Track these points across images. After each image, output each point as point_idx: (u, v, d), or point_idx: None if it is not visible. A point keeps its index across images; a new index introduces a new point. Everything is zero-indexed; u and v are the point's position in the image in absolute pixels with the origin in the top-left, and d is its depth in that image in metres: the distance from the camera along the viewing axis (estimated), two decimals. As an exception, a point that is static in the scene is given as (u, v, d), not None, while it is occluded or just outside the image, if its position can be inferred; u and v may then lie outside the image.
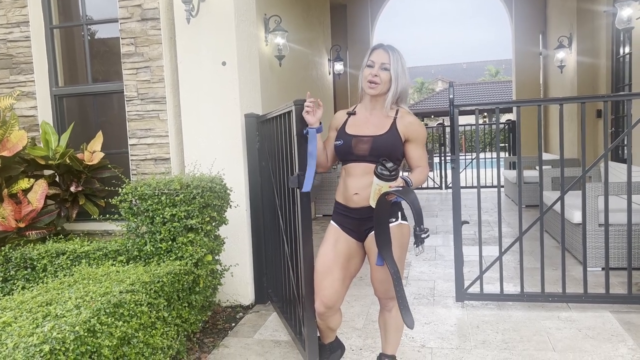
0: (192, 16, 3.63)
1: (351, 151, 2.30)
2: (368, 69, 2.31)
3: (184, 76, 3.81)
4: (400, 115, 2.33)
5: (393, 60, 2.28)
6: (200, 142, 3.81)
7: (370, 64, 2.30)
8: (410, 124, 2.31)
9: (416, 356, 2.92)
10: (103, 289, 2.31)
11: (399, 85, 2.29)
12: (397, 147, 2.29)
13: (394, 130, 2.29)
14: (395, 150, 2.29)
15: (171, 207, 2.96)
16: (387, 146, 2.27)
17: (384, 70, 2.28)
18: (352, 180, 2.32)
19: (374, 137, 2.28)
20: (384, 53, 2.29)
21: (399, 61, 2.29)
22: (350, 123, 2.37)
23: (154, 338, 2.46)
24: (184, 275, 2.81)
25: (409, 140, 2.32)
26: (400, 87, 2.29)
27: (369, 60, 2.31)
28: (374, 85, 2.28)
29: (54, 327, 1.89)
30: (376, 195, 2.16)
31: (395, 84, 2.28)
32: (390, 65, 2.27)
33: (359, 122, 2.36)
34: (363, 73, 2.33)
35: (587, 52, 7.83)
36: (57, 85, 4.33)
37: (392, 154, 2.26)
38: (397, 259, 2.28)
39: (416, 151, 2.34)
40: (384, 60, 2.28)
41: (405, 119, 2.32)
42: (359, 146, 2.28)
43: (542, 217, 3.50)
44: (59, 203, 3.78)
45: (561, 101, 3.45)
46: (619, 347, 2.91)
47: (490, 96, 28.56)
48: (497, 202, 3.64)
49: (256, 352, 3.08)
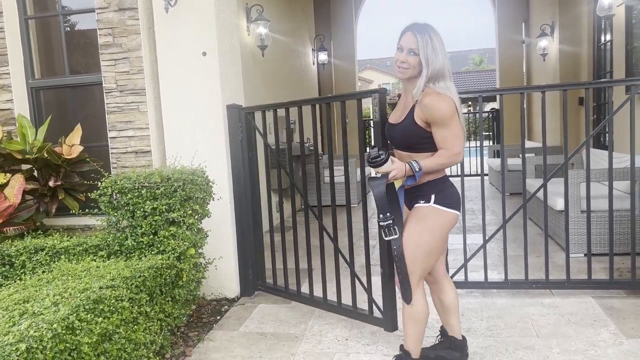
0: (171, 5, 3.56)
1: (389, 139, 2.39)
2: (398, 52, 2.24)
3: (163, 67, 3.74)
4: (422, 97, 2.20)
5: (422, 44, 2.16)
6: (181, 134, 3.75)
7: (400, 48, 2.23)
8: (425, 106, 2.17)
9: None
10: (82, 285, 2.27)
11: (430, 69, 2.17)
12: (415, 133, 2.22)
13: (410, 117, 2.23)
14: (414, 136, 2.23)
15: (152, 200, 2.91)
16: (402, 134, 2.26)
17: (413, 55, 2.19)
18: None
19: (394, 125, 2.31)
20: (412, 37, 2.19)
21: (429, 43, 2.16)
22: (394, 110, 2.41)
23: (136, 333, 2.43)
24: (166, 269, 2.78)
25: (429, 122, 2.19)
26: (431, 70, 2.17)
27: (399, 44, 2.24)
28: (402, 70, 2.23)
29: (31, 325, 1.85)
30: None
31: (426, 68, 2.17)
32: (419, 49, 2.16)
33: (396, 109, 2.39)
34: (395, 56, 2.26)
35: (569, 40, 7.87)
36: (34, 77, 4.23)
37: (410, 141, 2.25)
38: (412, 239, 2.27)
39: (437, 133, 2.19)
40: (412, 45, 2.18)
41: (422, 101, 2.19)
42: (391, 135, 2.35)
43: (525, 205, 3.51)
44: (38, 198, 3.70)
45: (543, 89, 3.45)
46: (601, 332, 2.94)
47: (475, 85, 28.75)
48: (481, 190, 3.64)
49: (242, 345, 3.06)
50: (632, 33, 5.69)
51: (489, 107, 15.60)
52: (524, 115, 3.52)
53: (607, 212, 3.91)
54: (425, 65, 2.17)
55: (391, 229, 2.21)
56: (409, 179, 2.25)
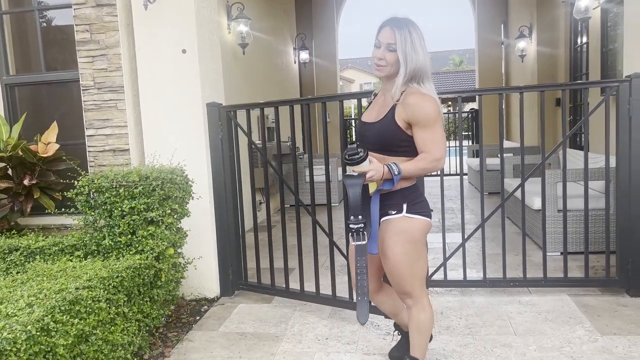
0: (150, 2, 3.52)
1: (362, 139, 2.21)
2: (375, 49, 2.12)
3: (142, 64, 3.69)
4: (404, 96, 2.08)
5: (400, 39, 2.04)
6: (160, 132, 3.71)
7: (377, 44, 2.11)
8: (408, 105, 2.05)
9: (381, 344, 2.94)
10: (58, 285, 2.23)
11: (409, 66, 2.05)
12: (393, 134, 2.08)
13: (389, 116, 2.09)
14: (391, 137, 2.09)
15: (130, 199, 2.87)
16: (379, 134, 2.10)
17: (390, 51, 2.07)
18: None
19: (371, 124, 2.15)
20: (390, 32, 2.06)
21: (408, 39, 2.04)
22: (368, 109, 2.27)
23: (114, 335, 2.39)
24: (144, 269, 2.74)
25: (410, 123, 2.06)
26: (410, 68, 2.05)
27: (376, 39, 2.11)
28: (380, 67, 2.11)
29: (5, 327, 1.81)
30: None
31: (404, 65, 2.05)
32: (396, 45, 2.04)
33: (371, 107, 2.26)
34: (372, 53, 2.14)
35: (546, 42, 8.00)
36: (8, 73, 4.14)
37: (387, 142, 2.09)
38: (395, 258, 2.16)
39: (418, 134, 2.06)
40: (390, 40, 2.06)
41: (406, 100, 2.07)
42: (364, 134, 2.19)
43: (503, 204, 3.56)
44: (12, 197, 3.62)
45: (521, 90, 3.50)
46: (576, 329, 3.00)
47: (455, 85, 29.05)
48: (460, 189, 3.68)
49: (221, 345, 3.04)
50: (607, 36, 5.81)
51: (469, 107, 15.77)
52: (502, 115, 3.56)
53: (582, 212, 3.98)
54: (404, 62, 2.05)
55: (360, 234, 2.02)
56: (387, 183, 2.08)
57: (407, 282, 2.20)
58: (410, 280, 2.20)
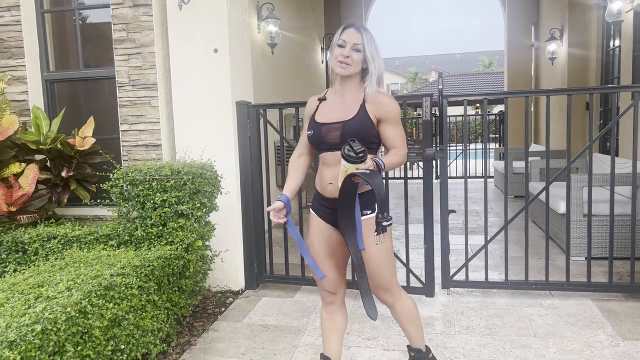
0: (184, 3, 3.64)
1: (322, 140, 2.17)
2: (339, 48, 2.14)
3: (175, 63, 3.82)
4: (373, 95, 2.17)
5: (366, 41, 2.13)
6: (191, 128, 3.83)
7: (342, 43, 2.13)
8: (381, 103, 2.16)
9: (401, 341, 2.99)
10: (94, 272, 2.35)
11: (376, 68, 2.15)
12: (369, 130, 2.14)
13: (362, 112, 2.14)
14: (367, 134, 2.14)
15: (162, 192, 2.99)
16: (357, 130, 2.11)
17: (356, 51, 2.12)
18: (326, 169, 2.19)
19: (343, 122, 2.14)
20: (356, 33, 2.14)
21: (372, 42, 2.14)
22: (321, 110, 2.24)
23: (144, 320, 2.51)
24: (174, 259, 2.86)
25: (381, 119, 2.16)
26: (377, 69, 2.15)
27: (340, 39, 2.14)
28: (345, 65, 2.13)
29: (46, 308, 1.93)
30: (342, 177, 2.03)
31: (373, 66, 2.14)
32: (363, 46, 2.12)
33: (328, 108, 2.23)
34: (333, 53, 2.16)
35: (577, 45, 7.89)
36: (49, 70, 4.33)
37: (364, 138, 2.10)
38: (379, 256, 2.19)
39: (390, 131, 2.17)
40: (357, 40, 2.12)
41: (377, 98, 2.16)
42: (330, 134, 2.15)
43: (527, 207, 3.56)
44: (50, 188, 3.79)
45: (548, 93, 3.50)
46: (598, 333, 3.00)
47: (483, 87, 28.67)
48: (484, 192, 3.70)
49: (245, 336, 3.14)
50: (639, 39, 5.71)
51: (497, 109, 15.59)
52: (529, 118, 3.57)
53: (608, 217, 3.95)
54: (372, 62, 2.14)
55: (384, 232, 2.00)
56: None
57: (387, 279, 2.25)
58: (389, 277, 2.26)
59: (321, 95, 2.31)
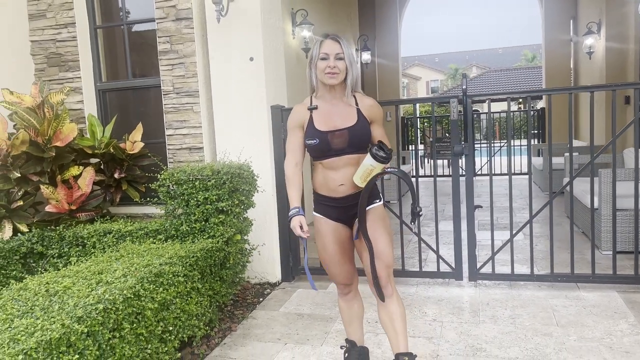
0: (222, 15, 3.93)
1: (329, 147, 2.30)
2: (322, 61, 2.29)
3: (215, 71, 4.13)
4: (359, 99, 2.38)
5: (345, 48, 2.30)
6: (230, 132, 4.13)
7: (324, 56, 2.28)
8: (371, 106, 2.39)
9: (427, 328, 3.18)
10: (145, 261, 2.66)
11: (354, 72, 2.33)
12: (369, 133, 2.36)
13: (362, 117, 2.34)
14: (368, 136, 2.36)
15: (204, 191, 3.28)
16: (362, 134, 2.32)
17: (339, 59, 2.28)
18: (334, 173, 2.33)
19: (349, 128, 2.31)
20: (335, 43, 2.30)
21: (349, 48, 2.33)
22: (317, 119, 2.35)
23: (190, 305, 2.80)
24: (215, 251, 3.14)
25: (372, 121, 2.38)
26: (354, 73, 2.33)
27: (321, 53, 2.29)
28: (334, 75, 2.28)
29: (106, 291, 2.23)
30: (367, 176, 2.24)
31: (351, 71, 2.31)
32: (343, 54, 2.29)
33: (325, 116, 2.35)
34: (317, 66, 2.31)
35: (615, 38, 7.78)
36: (101, 80, 4.72)
37: (366, 140, 2.34)
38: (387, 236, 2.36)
39: (378, 131, 2.40)
40: (337, 50, 2.28)
41: (365, 103, 2.38)
42: (336, 140, 2.29)
43: (551, 201, 3.67)
44: (104, 188, 4.17)
45: (592, 89, 3.59)
46: (619, 323, 3.09)
47: (526, 82, 28.09)
48: (509, 188, 3.83)
49: (281, 323, 3.40)
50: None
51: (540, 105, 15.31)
52: (572, 115, 3.64)
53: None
54: (350, 68, 2.31)
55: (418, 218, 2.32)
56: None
57: (392, 257, 2.38)
58: (393, 256, 2.40)
59: (309, 105, 2.40)
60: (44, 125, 3.70)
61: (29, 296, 2.21)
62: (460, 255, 3.89)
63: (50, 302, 2.12)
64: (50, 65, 4.64)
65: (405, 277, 4.01)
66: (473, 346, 2.92)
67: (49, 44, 4.62)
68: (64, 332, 1.90)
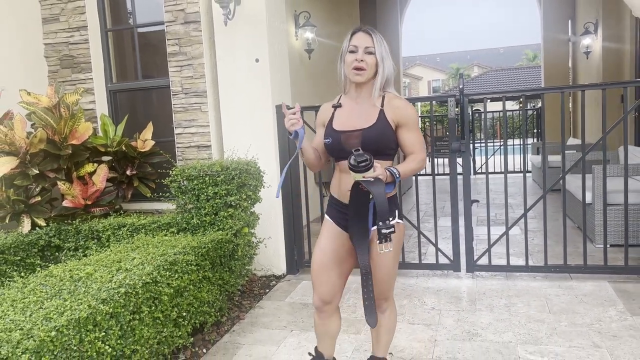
0: (229, 19, 4.10)
1: (342, 148, 2.11)
2: (351, 55, 2.11)
3: (222, 72, 4.30)
4: (388, 100, 2.14)
5: (377, 42, 2.10)
6: (237, 130, 4.30)
7: (353, 49, 2.11)
8: (398, 107, 2.12)
9: (426, 316, 3.34)
10: (160, 251, 2.83)
11: (385, 69, 2.12)
12: (389, 137, 2.11)
13: (382, 119, 2.11)
14: (387, 140, 2.11)
15: (214, 186, 3.46)
16: (378, 137, 2.09)
17: (369, 54, 2.10)
18: (346, 176, 2.10)
19: (363, 130, 2.10)
20: (366, 36, 2.11)
21: (382, 43, 2.12)
22: (337, 118, 2.20)
23: (201, 293, 2.98)
24: (225, 243, 3.32)
25: (399, 125, 2.12)
26: (386, 70, 2.13)
27: (350, 45, 2.12)
28: (360, 72, 2.10)
29: (126, 277, 2.41)
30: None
31: (382, 67, 2.12)
32: (374, 48, 2.10)
33: (345, 116, 2.18)
34: (345, 60, 2.14)
35: (612, 38, 7.93)
36: (112, 81, 4.90)
37: (385, 145, 2.11)
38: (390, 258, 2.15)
39: (407, 136, 2.13)
40: (368, 43, 2.10)
41: (393, 104, 2.13)
42: (349, 142, 2.09)
43: (544, 196, 3.84)
44: (117, 185, 4.35)
45: (583, 88, 3.76)
46: (609, 310, 3.25)
47: (527, 81, 28.23)
48: (504, 185, 3.99)
49: (287, 312, 3.57)
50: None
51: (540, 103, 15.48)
52: (564, 113, 3.82)
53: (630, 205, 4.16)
54: (381, 65, 2.12)
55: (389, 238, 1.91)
56: (387, 187, 1.97)
57: (391, 286, 2.27)
58: (393, 285, 2.28)
59: (335, 102, 2.27)
60: (61, 125, 3.87)
61: (55, 282, 2.39)
62: (458, 248, 4.06)
63: (76, 287, 2.30)
64: (63, 67, 4.82)
65: (406, 269, 4.18)
66: (469, 332, 3.09)
67: (62, 47, 4.80)
68: (90, 312, 2.07)
